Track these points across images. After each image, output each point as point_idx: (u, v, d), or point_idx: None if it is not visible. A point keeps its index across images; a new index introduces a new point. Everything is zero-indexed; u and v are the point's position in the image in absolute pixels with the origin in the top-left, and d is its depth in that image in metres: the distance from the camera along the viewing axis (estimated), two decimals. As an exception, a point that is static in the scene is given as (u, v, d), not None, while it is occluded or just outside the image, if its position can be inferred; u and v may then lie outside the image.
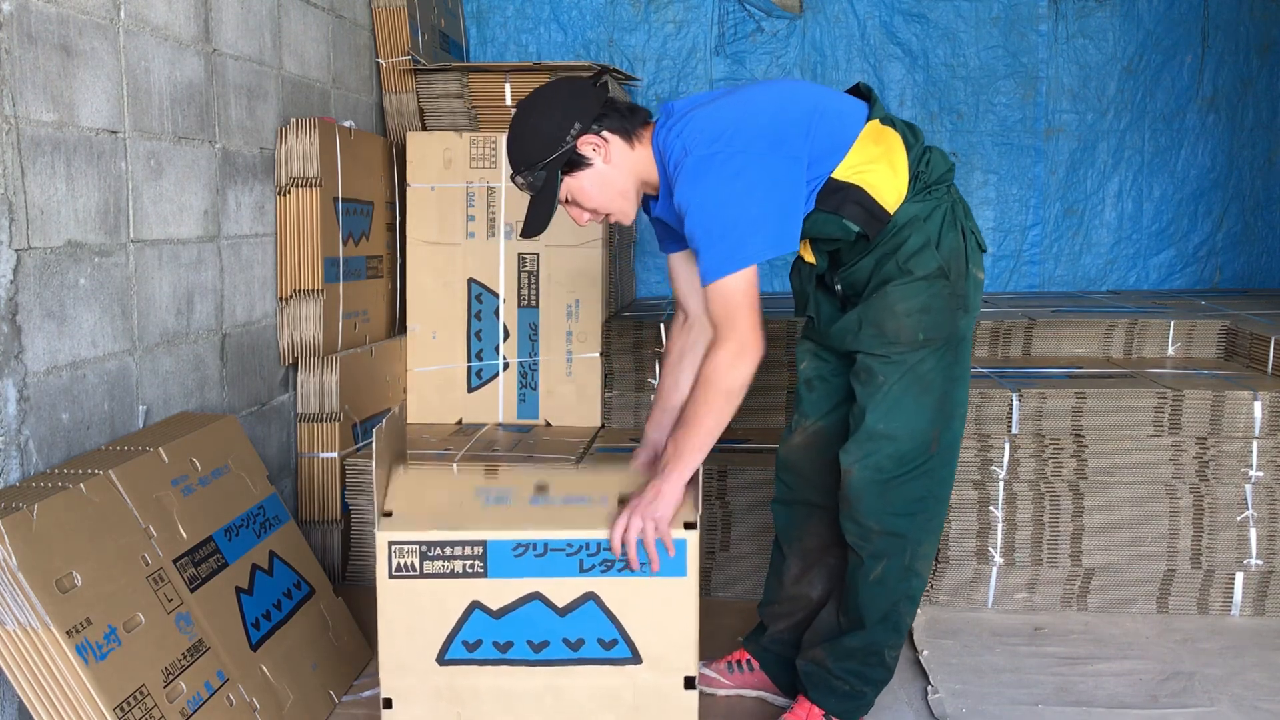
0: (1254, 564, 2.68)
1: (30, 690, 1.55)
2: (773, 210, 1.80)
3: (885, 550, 1.95)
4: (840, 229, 1.89)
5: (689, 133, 1.82)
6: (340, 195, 2.88)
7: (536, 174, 1.85)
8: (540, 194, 1.87)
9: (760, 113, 1.85)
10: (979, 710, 2.21)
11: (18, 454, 1.74)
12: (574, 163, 1.85)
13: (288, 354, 2.76)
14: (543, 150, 1.84)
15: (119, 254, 2.04)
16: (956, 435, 1.99)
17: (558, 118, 1.84)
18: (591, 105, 1.87)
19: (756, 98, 1.90)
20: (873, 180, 1.87)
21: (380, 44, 3.46)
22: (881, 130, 1.91)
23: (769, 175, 1.80)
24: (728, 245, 1.77)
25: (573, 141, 1.84)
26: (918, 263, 1.88)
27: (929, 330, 1.89)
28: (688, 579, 1.82)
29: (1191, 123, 4.31)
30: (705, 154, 1.79)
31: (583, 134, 1.85)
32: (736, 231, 1.77)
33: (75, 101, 1.88)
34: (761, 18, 4.27)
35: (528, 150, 1.85)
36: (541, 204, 1.87)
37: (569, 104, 1.86)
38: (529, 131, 1.85)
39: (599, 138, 1.86)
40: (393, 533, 1.75)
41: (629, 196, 1.93)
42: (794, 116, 1.85)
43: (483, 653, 1.79)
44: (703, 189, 1.78)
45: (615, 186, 1.90)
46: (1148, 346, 3.21)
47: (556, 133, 1.83)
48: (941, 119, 4.30)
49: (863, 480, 1.92)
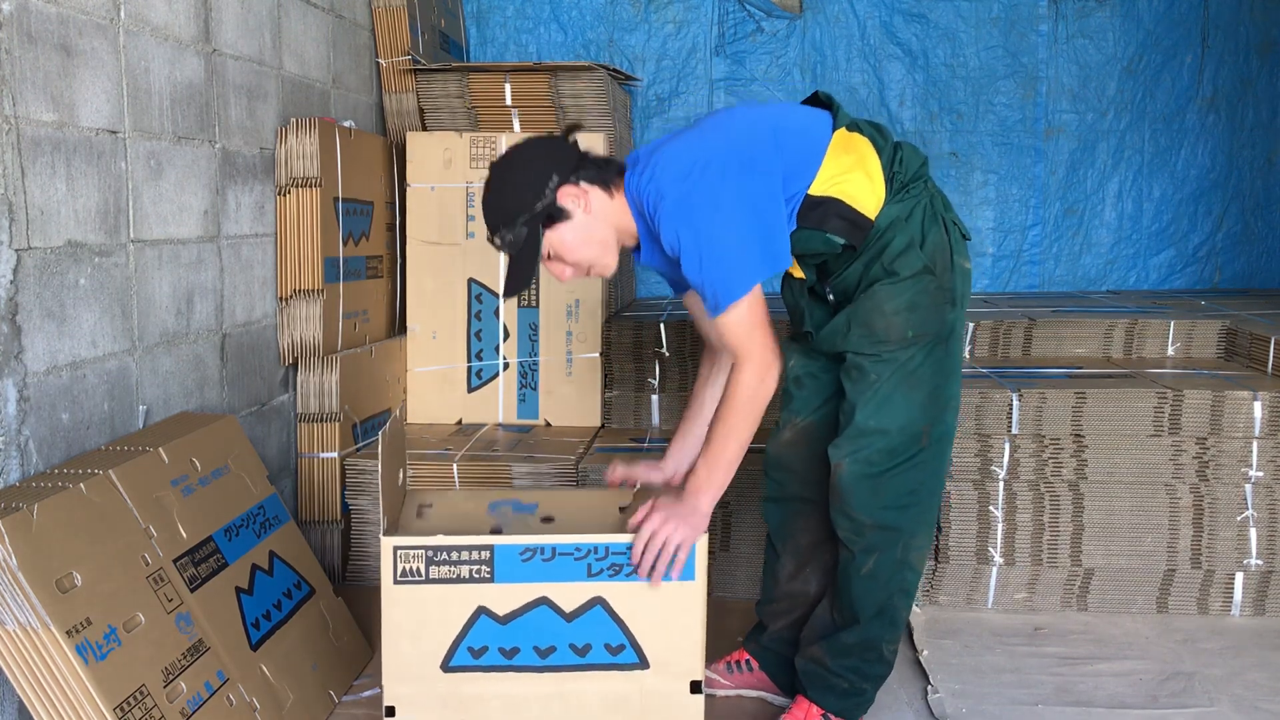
0: (1254, 564, 2.68)
1: (30, 690, 1.55)
2: (759, 231, 1.81)
3: (877, 544, 1.96)
4: (825, 243, 1.90)
5: (659, 174, 1.82)
6: (340, 195, 2.88)
7: (517, 230, 1.83)
8: (522, 251, 1.85)
9: (724, 138, 1.86)
10: (979, 710, 2.21)
11: (18, 454, 1.74)
12: (554, 216, 1.84)
13: (288, 354, 2.76)
14: (522, 205, 1.82)
15: (119, 254, 2.04)
16: (949, 428, 2.00)
17: (536, 170, 1.83)
18: (568, 157, 1.87)
19: (718, 125, 1.91)
20: (850, 190, 1.87)
21: (380, 44, 3.46)
22: (850, 137, 1.91)
23: (747, 197, 1.80)
24: (723, 277, 1.78)
25: (553, 194, 1.83)
26: (903, 264, 1.89)
27: (917, 327, 1.90)
28: (696, 583, 1.81)
29: (1191, 123, 4.31)
30: (681, 192, 1.79)
31: (562, 185, 1.83)
32: (728, 262, 1.78)
33: (75, 101, 1.88)
34: (761, 18, 4.27)
35: (507, 206, 1.83)
36: (523, 261, 1.85)
37: (545, 158, 1.86)
38: (507, 187, 1.84)
39: (578, 188, 1.85)
40: (398, 538, 1.74)
41: (610, 247, 1.92)
42: (760, 135, 1.86)
43: (488, 659, 1.78)
44: (687, 228, 1.78)
45: (596, 237, 1.88)
46: (1148, 346, 3.21)
47: (535, 185, 1.82)
48: (941, 119, 4.29)
49: (853, 474, 1.92)
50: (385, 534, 1.74)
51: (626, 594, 1.79)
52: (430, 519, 1.99)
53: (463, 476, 2.82)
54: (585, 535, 1.78)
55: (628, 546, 1.79)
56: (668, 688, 1.82)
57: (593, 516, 2.02)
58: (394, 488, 1.90)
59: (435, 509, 2.04)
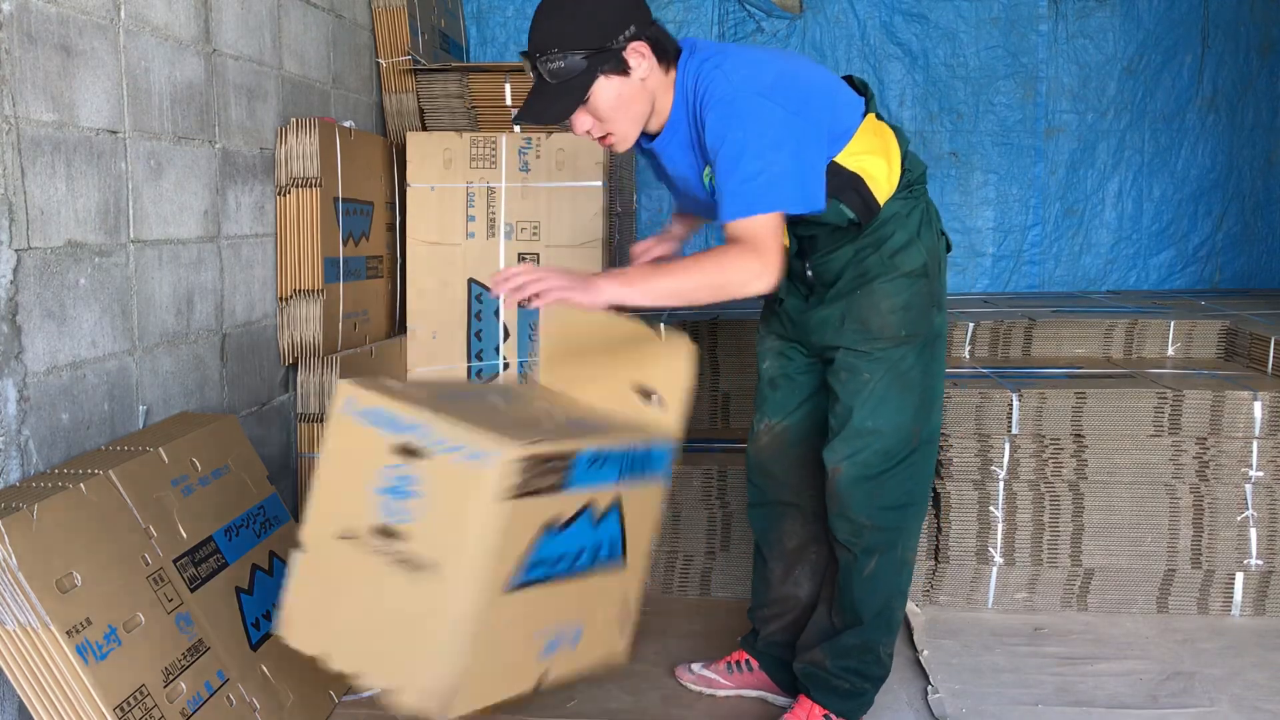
0: (1254, 564, 2.68)
1: (30, 690, 1.55)
2: (801, 169, 1.74)
3: (878, 545, 1.96)
4: (836, 213, 1.87)
5: (733, 73, 1.72)
6: (340, 195, 2.88)
7: (572, 60, 1.68)
8: (566, 84, 1.70)
9: (797, 73, 1.81)
10: (979, 710, 2.21)
11: (18, 454, 1.74)
12: (615, 65, 1.72)
13: (288, 354, 2.76)
14: (592, 38, 1.68)
15: (119, 254, 2.04)
16: (936, 428, 2.02)
17: (615, 10, 1.70)
18: (645, 13, 1.75)
19: (791, 57, 1.88)
20: (871, 170, 1.87)
21: (380, 44, 3.46)
22: (879, 125, 1.92)
23: (802, 138, 1.74)
24: (762, 185, 1.69)
25: (625, 42, 1.70)
26: (904, 258, 1.90)
27: (910, 327, 1.91)
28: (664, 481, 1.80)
29: (1191, 123, 4.31)
30: (750, 97, 1.69)
31: (634, 39, 1.72)
32: (767, 175, 1.69)
33: (75, 101, 1.88)
34: (762, 18, 4.27)
35: (574, 32, 1.68)
36: (564, 95, 1.71)
37: (626, 2, 1.73)
38: (579, 12, 1.69)
39: (645, 48, 1.73)
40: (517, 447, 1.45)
41: (640, 121, 1.81)
42: (820, 89, 1.83)
43: (541, 572, 1.58)
44: (743, 128, 1.69)
45: (636, 107, 1.78)
46: (1148, 346, 3.21)
47: (611, 25, 1.69)
48: (941, 119, 4.30)
49: (851, 477, 1.93)
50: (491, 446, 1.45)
51: (631, 495, 1.71)
52: None
53: (463, 476, 2.81)
54: (631, 435, 1.68)
55: (649, 445, 1.71)
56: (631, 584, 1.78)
57: None
58: None
59: None
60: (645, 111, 1.81)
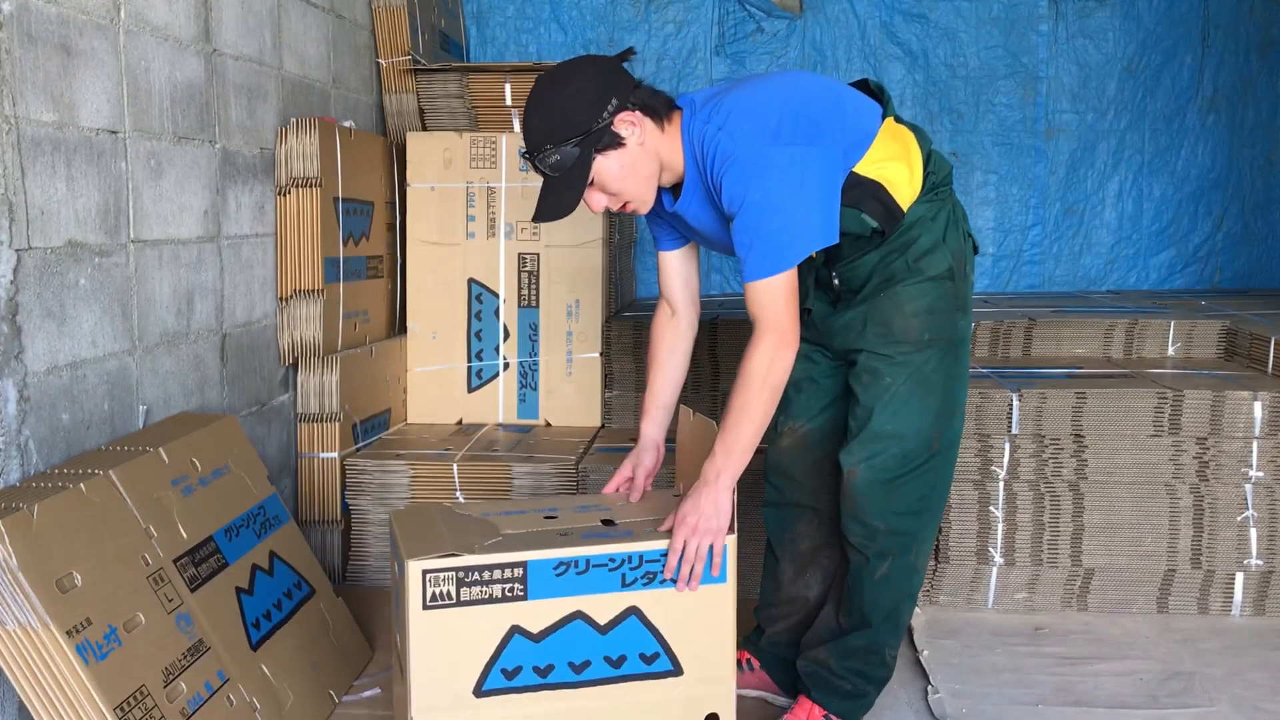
0: (1254, 564, 2.68)
1: (30, 690, 1.55)
2: (821, 205, 1.76)
3: (891, 549, 1.95)
4: (858, 223, 1.87)
5: (731, 125, 1.74)
6: (340, 195, 2.88)
7: (566, 151, 1.72)
8: (567, 175, 1.74)
9: (798, 101, 1.80)
10: (979, 710, 2.21)
11: (18, 454, 1.74)
12: (608, 141, 1.74)
13: (288, 354, 2.76)
14: (578, 125, 1.71)
15: (119, 254, 2.04)
16: (956, 434, 2.00)
17: (593, 92, 1.73)
18: (626, 81, 1.76)
19: (787, 87, 1.85)
20: (892, 177, 1.86)
21: (380, 44, 3.46)
22: (898, 128, 1.90)
23: (820, 169, 1.75)
24: (779, 245, 1.72)
25: (610, 117, 1.73)
26: (930, 262, 1.88)
27: (934, 331, 1.90)
28: (727, 585, 1.78)
29: (1191, 123, 4.31)
30: (756, 150, 1.72)
31: (620, 111, 1.74)
32: (788, 231, 1.73)
33: (75, 101, 1.88)
34: (761, 18, 4.27)
35: (559, 125, 1.72)
36: (568, 186, 1.75)
37: (603, 78, 1.75)
38: (560, 105, 1.72)
39: (635, 115, 1.76)
40: (426, 560, 1.63)
41: (653, 183, 1.84)
42: (827, 107, 1.82)
43: (522, 679, 1.70)
44: (758, 189, 1.71)
45: (643, 171, 1.80)
46: (1148, 346, 3.21)
47: (593, 106, 1.72)
48: (941, 119, 4.30)
49: (867, 481, 1.92)
50: (410, 558, 1.64)
51: (659, 601, 1.74)
52: None
53: (463, 477, 2.82)
54: (619, 544, 1.73)
55: (662, 554, 1.74)
56: (703, 691, 1.78)
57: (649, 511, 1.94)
58: None
59: None
60: (654, 171, 1.83)
